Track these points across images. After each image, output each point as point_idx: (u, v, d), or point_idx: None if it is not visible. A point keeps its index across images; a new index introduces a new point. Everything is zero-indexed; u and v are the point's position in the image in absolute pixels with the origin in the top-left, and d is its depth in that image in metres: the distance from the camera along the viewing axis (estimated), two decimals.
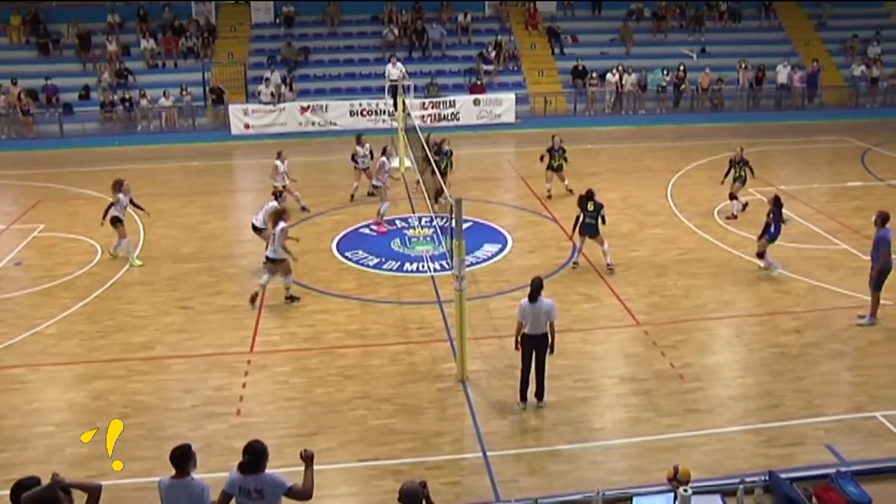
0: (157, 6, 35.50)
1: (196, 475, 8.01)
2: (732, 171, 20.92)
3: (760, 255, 17.52)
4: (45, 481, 7.70)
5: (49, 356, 14.92)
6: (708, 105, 34.08)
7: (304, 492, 8.00)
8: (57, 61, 34.05)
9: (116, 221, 18.59)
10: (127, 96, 32.33)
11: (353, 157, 23.20)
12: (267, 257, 16.43)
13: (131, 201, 19.03)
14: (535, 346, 12.31)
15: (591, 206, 17.59)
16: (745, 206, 20.93)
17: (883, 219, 14.95)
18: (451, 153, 22.48)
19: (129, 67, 33.47)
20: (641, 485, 9.59)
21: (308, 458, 8.09)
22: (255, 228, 18.13)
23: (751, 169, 20.88)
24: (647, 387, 13.29)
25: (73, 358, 14.87)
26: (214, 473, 9.55)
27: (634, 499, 8.22)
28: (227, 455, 11.37)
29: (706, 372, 13.81)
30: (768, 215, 17.28)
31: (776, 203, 17.29)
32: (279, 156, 22.19)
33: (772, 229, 17.23)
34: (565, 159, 22.56)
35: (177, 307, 16.64)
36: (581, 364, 14.09)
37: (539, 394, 12.59)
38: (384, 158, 21.17)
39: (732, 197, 20.96)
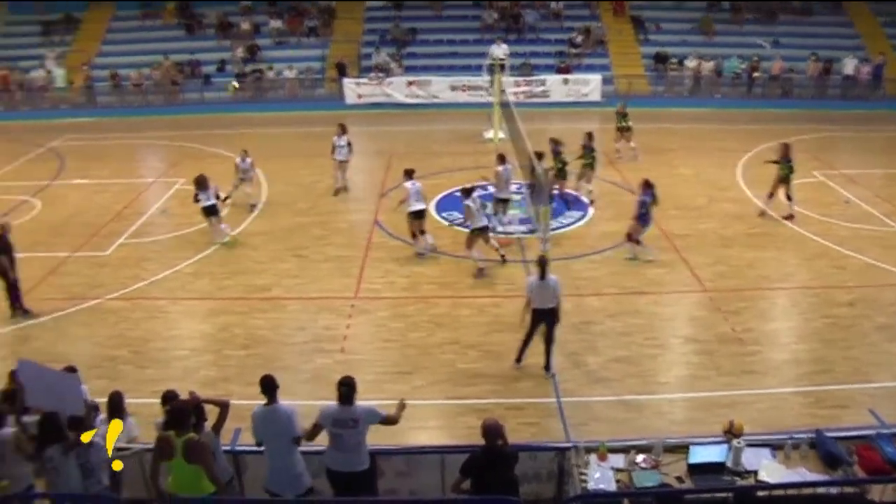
0: None
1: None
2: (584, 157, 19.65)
3: (632, 239, 16.29)
4: (183, 396, 8.09)
5: (186, 292, 15.46)
6: (779, 92, 32.86)
7: (394, 419, 8.39)
8: (200, 39, 34.79)
9: (210, 212, 17.38)
10: (257, 69, 32.95)
11: (333, 150, 20.87)
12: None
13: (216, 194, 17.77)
14: (544, 319, 11.87)
15: None
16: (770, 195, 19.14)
17: None
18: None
19: (259, 44, 34.03)
20: (699, 434, 9.48)
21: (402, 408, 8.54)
22: (417, 213, 16.46)
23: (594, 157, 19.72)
24: (709, 348, 13.10)
25: (205, 294, 15.37)
26: (320, 401, 9.78)
27: (692, 447, 8.13)
28: (332, 387, 11.54)
29: (764, 337, 13.52)
30: (641, 202, 16.16)
31: (647, 187, 16.18)
32: (242, 154, 19.82)
33: (644, 212, 16.10)
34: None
35: (292, 255, 16.98)
36: (651, 323, 13.96)
37: (547, 365, 12.21)
38: (500, 167, 17.63)
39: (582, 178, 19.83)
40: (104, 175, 23.06)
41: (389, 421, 8.38)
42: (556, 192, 18.80)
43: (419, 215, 16.54)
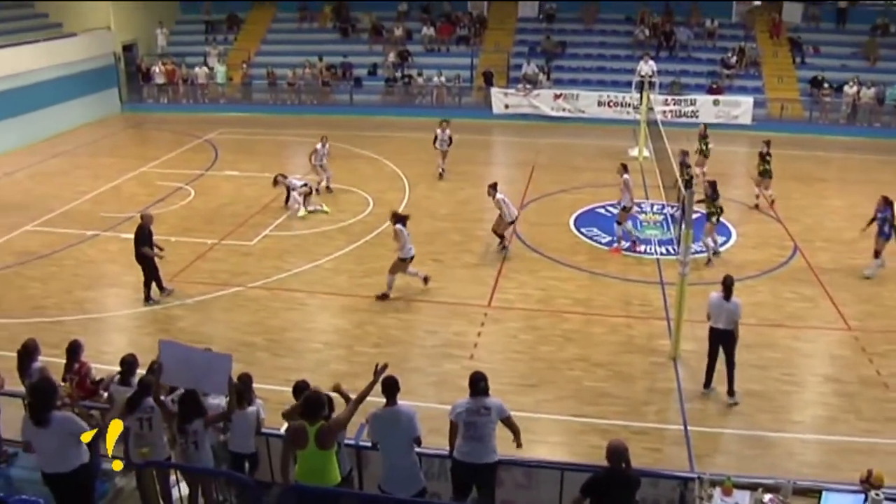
0: None
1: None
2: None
3: (878, 254, 16.52)
4: (314, 387, 8.38)
5: (324, 286, 15.96)
6: None
7: (515, 431, 8.61)
8: (353, 42, 35.94)
9: (307, 193, 20.01)
10: (407, 74, 33.68)
11: (435, 140, 23.19)
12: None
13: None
14: (719, 339, 11.78)
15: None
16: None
17: None
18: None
19: (410, 50, 34.78)
20: (832, 480, 9.01)
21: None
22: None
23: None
24: (850, 390, 12.41)
25: (342, 290, 15.81)
26: (444, 405, 9.89)
27: (824, 492, 7.72)
28: (457, 392, 11.58)
29: None
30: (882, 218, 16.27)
31: (887, 203, 16.33)
32: (322, 140, 21.57)
33: (886, 229, 16.25)
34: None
35: (430, 259, 17.16)
36: (789, 359, 13.36)
37: (730, 390, 11.97)
38: (626, 176, 17.62)
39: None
40: (254, 168, 24.10)
41: (512, 427, 8.56)
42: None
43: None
